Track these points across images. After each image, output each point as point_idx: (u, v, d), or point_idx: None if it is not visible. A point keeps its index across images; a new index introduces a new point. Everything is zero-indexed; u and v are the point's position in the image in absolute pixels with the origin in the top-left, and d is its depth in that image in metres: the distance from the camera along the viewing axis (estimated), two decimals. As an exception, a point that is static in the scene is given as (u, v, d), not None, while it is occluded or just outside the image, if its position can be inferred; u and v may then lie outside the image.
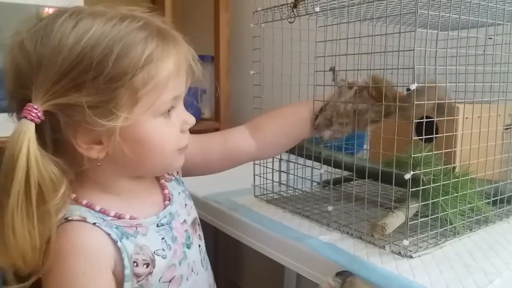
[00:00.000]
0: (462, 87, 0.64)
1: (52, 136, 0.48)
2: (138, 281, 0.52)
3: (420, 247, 0.57)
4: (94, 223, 0.50)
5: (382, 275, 0.52)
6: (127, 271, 0.51)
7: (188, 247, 0.60)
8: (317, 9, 0.66)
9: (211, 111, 1.86)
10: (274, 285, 1.68)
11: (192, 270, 0.60)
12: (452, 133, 0.65)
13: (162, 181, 0.63)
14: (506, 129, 0.77)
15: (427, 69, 0.56)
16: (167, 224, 0.58)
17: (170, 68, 0.51)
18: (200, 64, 0.57)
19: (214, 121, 1.82)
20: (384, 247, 0.59)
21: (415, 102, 0.54)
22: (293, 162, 0.78)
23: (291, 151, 0.82)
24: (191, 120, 0.57)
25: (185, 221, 0.61)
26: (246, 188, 0.85)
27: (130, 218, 0.54)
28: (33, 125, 0.46)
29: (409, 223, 0.57)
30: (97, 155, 0.50)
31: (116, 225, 0.52)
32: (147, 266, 0.53)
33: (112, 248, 0.50)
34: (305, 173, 0.77)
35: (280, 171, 0.80)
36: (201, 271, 0.62)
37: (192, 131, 0.62)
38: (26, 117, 0.45)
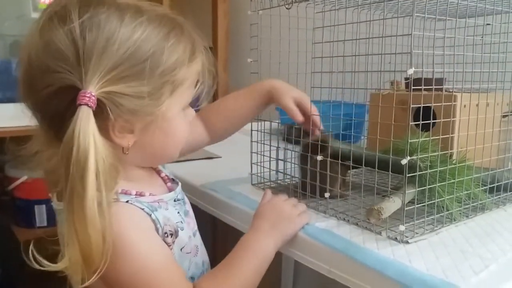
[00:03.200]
0: (460, 75, 0.64)
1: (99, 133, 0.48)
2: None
3: (416, 233, 0.57)
4: (127, 201, 0.53)
5: (378, 260, 0.52)
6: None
7: (194, 234, 0.65)
8: (315, -5, 0.66)
9: (209, 102, 1.85)
10: (272, 277, 1.68)
11: (200, 242, 0.66)
12: (449, 119, 0.65)
13: (157, 169, 0.67)
14: (504, 117, 0.77)
15: (425, 57, 0.55)
16: (181, 199, 0.65)
17: (199, 68, 0.56)
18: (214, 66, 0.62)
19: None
20: (381, 233, 0.59)
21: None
22: (290, 150, 0.78)
23: (288, 139, 0.82)
24: (193, 113, 0.62)
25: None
26: (243, 176, 0.85)
27: (150, 195, 0.57)
28: (91, 111, 0.46)
29: (405, 209, 0.57)
30: (127, 143, 0.52)
31: (142, 201, 0.55)
32: (171, 236, 0.57)
33: (149, 219, 0.54)
34: (300, 161, 0.77)
35: (277, 159, 0.80)
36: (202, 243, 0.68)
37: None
38: (86, 104, 0.46)
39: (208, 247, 0.70)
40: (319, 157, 0.68)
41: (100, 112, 0.48)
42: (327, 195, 0.67)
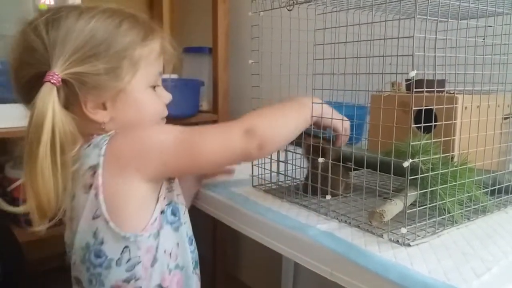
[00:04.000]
0: (462, 77, 0.64)
1: (65, 103, 0.58)
2: (168, 184, 0.66)
3: (418, 236, 0.57)
4: None
5: (380, 263, 0.52)
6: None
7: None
8: (316, -4, 0.66)
9: (209, 103, 1.85)
10: (273, 277, 1.68)
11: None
12: (451, 122, 0.65)
13: None
14: (505, 119, 0.77)
15: (426, 59, 0.55)
16: None
17: (157, 49, 0.66)
18: (176, 49, 0.71)
19: (212, 113, 1.81)
20: (382, 235, 0.58)
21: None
22: (291, 152, 0.78)
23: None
24: (169, 95, 0.71)
25: None
26: (244, 178, 0.85)
27: None
28: (55, 88, 0.56)
29: (407, 211, 0.57)
30: (102, 119, 0.61)
31: None
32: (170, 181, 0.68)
33: None
34: (303, 163, 0.77)
35: (278, 161, 0.80)
36: None
37: (190, 123, 0.70)
38: (49, 81, 0.56)
39: (208, 248, 0.70)
40: (321, 159, 0.68)
41: (70, 91, 0.58)
42: (328, 197, 0.67)
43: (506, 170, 0.72)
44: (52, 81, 0.56)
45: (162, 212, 0.63)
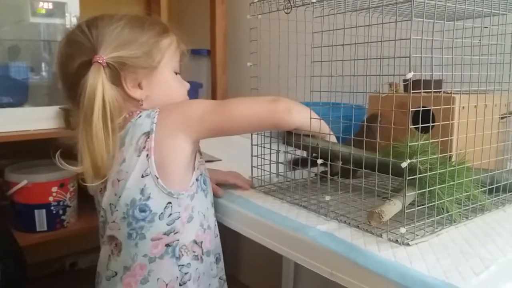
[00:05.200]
0: (459, 77, 0.64)
1: (110, 82, 0.69)
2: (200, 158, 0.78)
3: (417, 235, 0.58)
4: None
5: (379, 262, 0.52)
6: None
7: None
8: (314, -1, 0.66)
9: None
10: (273, 278, 1.69)
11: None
12: (448, 122, 0.65)
13: None
14: (502, 118, 0.78)
15: (423, 59, 0.56)
16: None
17: (175, 42, 0.78)
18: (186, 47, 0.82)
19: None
20: (381, 235, 0.59)
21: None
22: (290, 153, 0.78)
23: (288, 142, 0.82)
24: (188, 84, 0.82)
25: None
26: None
27: None
28: (102, 67, 0.67)
29: (406, 211, 0.57)
30: (140, 96, 0.72)
31: None
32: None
33: None
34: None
35: (277, 162, 0.81)
36: None
37: None
38: (97, 61, 0.67)
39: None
40: (320, 161, 0.68)
41: (113, 73, 0.69)
42: (327, 198, 0.68)
43: (503, 169, 0.72)
44: (99, 61, 0.67)
45: (197, 179, 0.73)
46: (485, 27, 0.67)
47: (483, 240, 0.59)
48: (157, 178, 0.67)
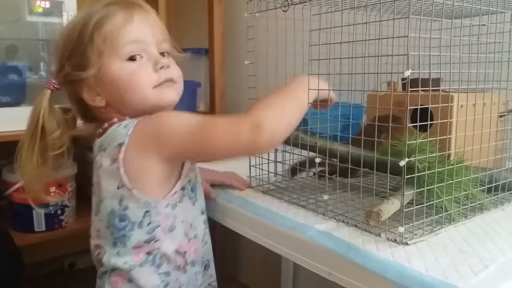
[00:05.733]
0: (457, 75, 0.64)
1: (74, 97, 0.71)
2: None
3: (415, 234, 0.58)
4: None
5: (378, 262, 0.52)
6: None
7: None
8: (311, -3, 0.66)
9: (206, 105, 1.85)
10: (272, 278, 1.68)
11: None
12: (446, 120, 0.65)
13: None
14: (500, 116, 0.77)
15: (421, 57, 0.56)
16: None
17: (118, 21, 0.67)
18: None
19: (209, 114, 1.81)
20: (380, 234, 0.59)
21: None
22: (288, 152, 0.78)
23: (286, 141, 0.82)
24: (162, 60, 0.69)
25: None
26: (242, 179, 0.85)
27: None
28: (49, 91, 0.69)
29: (404, 210, 0.57)
30: (100, 103, 0.68)
31: None
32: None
33: None
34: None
35: (275, 161, 0.80)
36: None
37: None
38: (47, 87, 0.69)
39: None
40: (318, 159, 0.68)
41: (70, 88, 0.70)
42: (326, 197, 0.67)
43: (502, 168, 0.72)
44: (46, 86, 0.69)
45: (183, 188, 0.69)
46: (483, 24, 0.67)
47: (482, 239, 0.59)
48: (131, 189, 0.64)
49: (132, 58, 0.67)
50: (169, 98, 0.70)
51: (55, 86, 0.69)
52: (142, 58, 0.68)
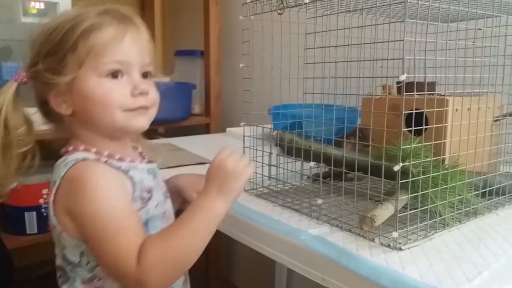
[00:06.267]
0: (452, 79, 0.64)
1: (39, 97, 0.66)
2: (141, 203, 0.64)
3: (409, 239, 0.57)
4: (106, 161, 0.63)
5: (371, 267, 0.52)
6: (136, 193, 0.63)
7: (166, 197, 0.71)
8: (307, 0, 0.65)
9: (201, 107, 1.85)
10: (266, 280, 1.68)
11: (170, 215, 0.72)
12: (441, 125, 0.65)
13: (135, 147, 0.73)
14: (495, 121, 0.77)
15: (417, 61, 0.55)
16: (153, 173, 0.70)
17: (108, 37, 0.62)
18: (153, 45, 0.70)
19: (204, 117, 1.80)
20: (374, 239, 0.58)
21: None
22: (283, 156, 0.78)
23: (280, 145, 0.81)
24: (142, 86, 0.65)
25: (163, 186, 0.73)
26: (236, 182, 0.84)
27: (129, 161, 0.66)
28: (15, 84, 0.64)
29: (398, 215, 0.56)
30: (65, 111, 0.64)
31: (120, 163, 0.65)
32: (147, 193, 0.66)
33: (124, 176, 0.63)
34: (295, 167, 0.76)
35: (270, 165, 0.80)
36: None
37: (183, 126, 0.66)
38: (15, 80, 0.64)
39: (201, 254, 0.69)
40: (312, 163, 0.67)
41: (38, 86, 0.65)
42: (319, 201, 0.67)
43: (497, 172, 0.72)
44: (14, 79, 0.65)
45: None
46: (479, 29, 0.66)
47: (476, 244, 0.58)
48: (61, 232, 0.61)
49: (112, 75, 0.63)
50: (138, 125, 0.66)
51: (24, 80, 0.65)
52: (122, 78, 0.64)
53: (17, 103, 0.65)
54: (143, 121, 0.67)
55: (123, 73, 0.64)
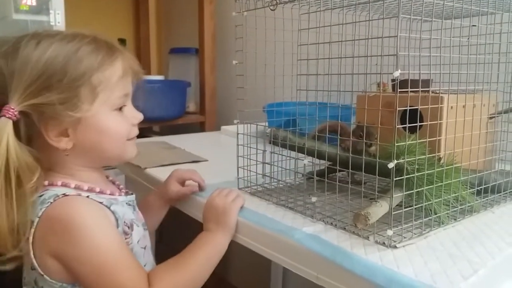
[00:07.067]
0: (447, 77, 0.63)
1: (26, 132, 0.59)
2: (125, 238, 0.64)
3: (404, 237, 0.57)
4: (87, 196, 0.62)
5: (366, 266, 0.51)
6: (119, 228, 0.63)
7: (145, 229, 0.73)
8: (300, -4, 0.65)
9: (196, 105, 1.84)
10: (261, 278, 1.67)
11: (149, 249, 0.73)
12: (436, 122, 0.64)
13: (110, 178, 0.74)
14: (491, 118, 0.77)
15: (412, 59, 0.55)
16: (133, 206, 0.72)
17: (118, 71, 0.63)
18: (140, 68, 0.69)
19: (199, 115, 1.80)
20: (368, 237, 0.58)
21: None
22: (277, 153, 0.77)
23: (274, 142, 0.81)
24: (139, 115, 0.69)
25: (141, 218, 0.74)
26: (229, 180, 0.84)
27: (109, 194, 0.67)
28: (10, 122, 0.56)
29: (393, 213, 0.56)
30: (65, 146, 0.61)
31: (101, 197, 0.64)
32: (129, 228, 0.65)
33: (108, 211, 0.62)
34: (289, 164, 0.76)
35: (263, 163, 0.79)
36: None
37: (177, 125, 0.68)
38: (4, 116, 0.56)
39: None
40: (306, 161, 0.67)
41: (31, 121, 0.58)
42: (314, 199, 0.66)
43: (492, 170, 0.72)
44: (7, 115, 0.56)
45: None
46: (474, 25, 0.66)
47: (472, 242, 0.58)
48: (42, 275, 0.59)
49: (119, 108, 0.65)
50: (134, 153, 0.70)
51: (16, 115, 0.57)
52: (125, 108, 0.66)
53: (20, 146, 0.57)
54: (135, 150, 0.70)
55: (126, 105, 0.67)
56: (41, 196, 0.60)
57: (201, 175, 0.86)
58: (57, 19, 1.38)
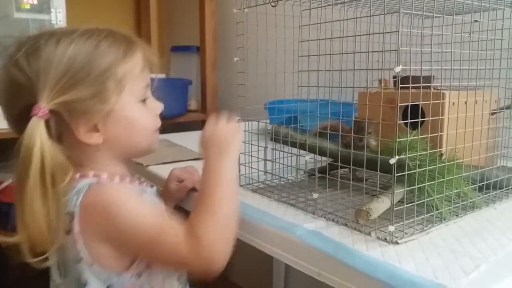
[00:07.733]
0: (449, 73, 0.63)
1: (57, 131, 0.59)
2: None
3: (406, 233, 0.57)
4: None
5: (367, 262, 0.51)
6: None
7: None
8: (301, -8, 0.64)
9: (198, 103, 1.84)
10: (264, 276, 1.67)
11: None
12: (438, 117, 0.64)
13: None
14: (492, 114, 0.77)
15: (414, 55, 0.55)
16: (158, 197, 0.74)
17: (140, 62, 0.65)
18: (159, 58, 0.70)
19: (200, 113, 1.80)
20: (370, 233, 0.58)
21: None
22: (278, 150, 0.77)
23: (276, 139, 0.81)
24: (161, 106, 0.71)
25: None
26: (231, 177, 0.84)
27: (139, 184, 0.70)
28: (42, 121, 0.56)
29: (395, 209, 0.56)
30: (96, 141, 0.62)
31: (133, 186, 0.68)
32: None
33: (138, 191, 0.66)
34: (291, 161, 0.76)
35: (265, 160, 0.79)
36: None
37: (179, 122, 0.69)
38: (36, 115, 0.56)
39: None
40: (307, 157, 0.67)
41: (61, 119, 0.59)
42: (315, 195, 0.66)
43: (494, 166, 0.71)
44: (39, 115, 0.56)
45: None
46: (476, 21, 0.66)
47: (473, 238, 0.58)
48: (91, 264, 0.59)
49: (143, 100, 0.67)
50: (156, 147, 0.71)
51: (47, 114, 0.57)
52: (147, 101, 0.68)
53: (53, 144, 0.57)
54: (158, 141, 0.71)
55: (148, 97, 0.68)
56: (74, 187, 0.60)
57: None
58: (58, 17, 1.38)
